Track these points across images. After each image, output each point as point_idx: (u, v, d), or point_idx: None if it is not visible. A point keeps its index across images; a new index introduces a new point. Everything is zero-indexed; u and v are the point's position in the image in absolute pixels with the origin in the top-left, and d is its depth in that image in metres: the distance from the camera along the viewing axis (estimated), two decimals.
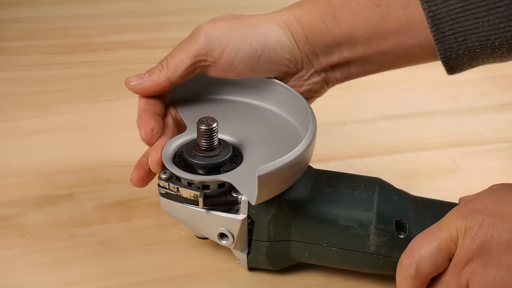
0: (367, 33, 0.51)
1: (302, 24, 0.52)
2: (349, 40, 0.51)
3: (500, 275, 0.41)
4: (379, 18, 0.50)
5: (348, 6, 0.51)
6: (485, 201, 0.44)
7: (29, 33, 0.93)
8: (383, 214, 0.48)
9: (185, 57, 0.51)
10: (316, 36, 0.52)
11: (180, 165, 0.48)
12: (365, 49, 0.52)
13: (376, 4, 0.50)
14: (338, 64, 0.53)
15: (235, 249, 0.51)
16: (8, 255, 0.54)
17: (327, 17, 0.51)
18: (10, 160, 0.66)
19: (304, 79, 0.54)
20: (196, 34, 0.51)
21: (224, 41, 0.50)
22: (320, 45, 0.52)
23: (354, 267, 0.50)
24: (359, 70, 0.54)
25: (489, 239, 0.42)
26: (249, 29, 0.51)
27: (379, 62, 0.53)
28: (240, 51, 0.50)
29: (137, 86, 0.51)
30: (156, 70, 0.52)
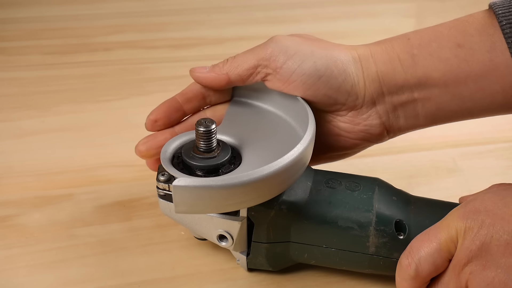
0: (445, 75, 0.48)
1: (376, 60, 0.50)
2: (423, 81, 0.49)
3: (499, 276, 0.41)
4: (460, 60, 0.48)
5: (428, 46, 0.49)
6: (485, 202, 0.44)
7: (29, 33, 0.93)
8: (383, 215, 0.48)
9: (250, 58, 0.51)
10: (388, 74, 0.50)
11: (179, 167, 0.48)
12: (440, 93, 0.49)
13: (459, 45, 0.48)
14: (404, 105, 0.51)
15: (234, 250, 0.51)
16: (8, 255, 0.54)
17: (404, 55, 0.50)
18: (10, 160, 0.66)
19: (363, 118, 0.52)
20: (269, 40, 0.51)
21: (290, 52, 0.50)
22: (390, 84, 0.50)
23: (353, 268, 0.50)
24: (429, 116, 0.51)
25: (488, 240, 0.42)
26: (319, 49, 0.50)
27: (454, 108, 0.50)
28: (302, 65, 0.49)
29: (198, 74, 0.52)
30: (220, 63, 0.52)
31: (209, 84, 0.52)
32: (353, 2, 1.08)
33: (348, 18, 1.02)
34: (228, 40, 0.94)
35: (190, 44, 0.92)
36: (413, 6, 1.07)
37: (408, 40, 0.50)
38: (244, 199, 0.45)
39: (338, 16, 1.03)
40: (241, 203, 0.45)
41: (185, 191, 0.43)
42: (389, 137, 0.53)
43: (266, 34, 0.96)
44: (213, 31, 0.96)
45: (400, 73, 0.49)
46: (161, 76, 0.83)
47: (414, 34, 0.51)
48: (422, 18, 1.02)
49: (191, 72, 0.52)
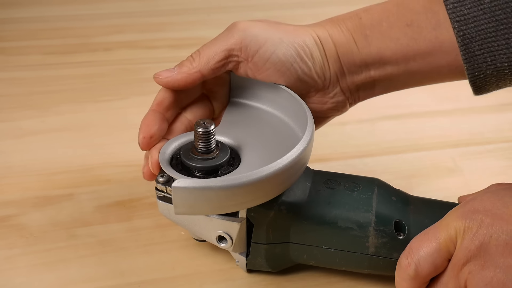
0: (396, 53, 0.51)
1: (334, 41, 0.52)
2: (377, 60, 0.51)
3: (497, 276, 0.41)
4: (409, 39, 0.50)
5: (379, 26, 0.51)
6: (485, 202, 0.44)
7: (29, 33, 0.93)
8: (382, 215, 0.48)
9: (218, 50, 0.50)
10: (346, 55, 0.52)
11: (178, 168, 0.48)
12: (393, 69, 0.52)
13: (407, 24, 0.50)
14: (363, 84, 0.53)
15: (233, 251, 0.51)
16: (8, 255, 0.54)
17: (358, 36, 0.51)
18: (10, 160, 0.66)
19: (329, 97, 0.53)
20: (234, 29, 0.50)
21: (261, 40, 0.50)
22: (349, 64, 0.52)
23: (353, 268, 0.50)
24: (383, 89, 0.54)
25: (487, 240, 0.42)
26: (286, 35, 0.51)
27: (404, 81, 0.53)
28: (275, 53, 0.50)
29: (166, 79, 0.50)
30: (186, 62, 0.51)
31: (182, 86, 0.50)
32: (353, 2, 1.08)
33: None
34: None
35: (190, 44, 0.91)
36: None
37: (360, 19, 0.52)
38: (244, 200, 0.45)
39: None
40: (241, 204, 0.45)
41: (185, 193, 0.43)
42: (350, 107, 0.55)
43: None
44: (213, 31, 0.95)
45: (357, 53, 0.51)
46: None
47: (365, 13, 0.52)
48: None
49: (157, 79, 0.51)
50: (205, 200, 0.43)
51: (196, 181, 0.43)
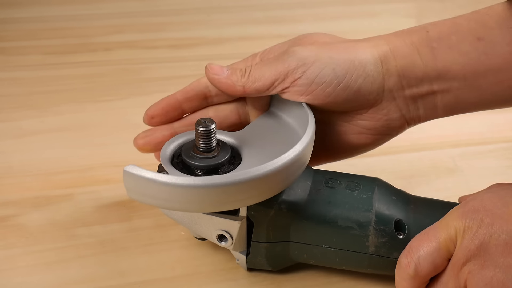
0: (464, 68, 0.48)
1: (395, 55, 0.50)
2: (443, 74, 0.49)
3: (497, 276, 0.41)
4: (480, 54, 0.48)
5: (447, 39, 0.49)
6: (485, 202, 0.44)
7: (29, 33, 0.93)
8: (382, 214, 0.48)
9: (267, 73, 0.49)
10: (408, 68, 0.49)
11: (179, 167, 0.48)
12: (460, 85, 0.49)
13: (479, 38, 0.48)
14: (423, 97, 0.50)
15: (234, 250, 0.51)
16: (8, 255, 0.54)
17: (424, 49, 0.49)
18: (10, 160, 0.66)
19: (383, 113, 0.51)
20: (286, 55, 0.50)
21: (309, 62, 0.49)
22: (409, 78, 0.50)
23: (353, 267, 0.50)
24: (447, 107, 0.51)
25: (487, 239, 0.42)
26: (337, 53, 0.49)
27: (472, 100, 0.50)
28: (321, 74, 0.48)
29: (213, 76, 0.50)
30: (238, 72, 0.50)
31: (223, 90, 0.51)
32: (353, 2, 1.08)
33: (348, 18, 1.02)
34: (228, 40, 0.94)
35: (190, 44, 0.92)
36: (413, 6, 1.07)
37: (427, 32, 0.50)
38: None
39: (338, 16, 1.03)
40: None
41: (133, 179, 0.43)
42: (408, 127, 0.53)
43: (266, 34, 0.97)
44: (213, 31, 0.96)
45: (420, 66, 0.49)
46: (161, 76, 0.83)
47: (432, 27, 0.50)
48: (422, 18, 1.02)
49: (207, 70, 0.51)
50: (154, 193, 0.43)
51: (148, 172, 0.43)
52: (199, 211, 0.48)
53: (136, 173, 0.43)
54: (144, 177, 0.42)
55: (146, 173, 0.43)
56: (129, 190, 0.44)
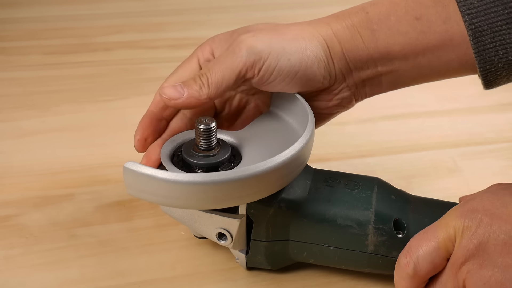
0: (404, 48, 0.50)
1: (339, 39, 0.51)
2: (385, 55, 0.50)
3: (495, 275, 0.41)
4: (418, 33, 0.49)
5: (387, 20, 0.50)
6: (484, 202, 0.44)
7: (29, 33, 0.93)
8: (382, 213, 0.48)
9: (227, 75, 0.48)
10: (352, 51, 0.50)
11: (179, 165, 0.48)
12: (401, 64, 0.51)
13: (416, 17, 0.49)
14: (370, 79, 0.52)
15: (233, 248, 0.51)
16: (8, 255, 0.54)
17: (365, 31, 0.50)
18: (10, 160, 0.66)
19: (334, 93, 0.52)
20: (237, 48, 0.49)
21: (264, 55, 0.49)
22: (355, 60, 0.51)
23: (352, 266, 0.50)
24: (390, 84, 0.53)
25: (486, 239, 0.42)
26: (288, 43, 0.50)
27: (413, 76, 0.52)
28: (279, 65, 0.49)
29: (175, 101, 0.48)
30: (195, 85, 0.49)
31: (190, 108, 0.50)
32: (353, 2, 1.08)
33: None
34: None
35: (190, 44, 0.91)
36: None
37: (367, 14, 0.51)
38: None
39: None
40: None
41: (133, 175, 0.43)
42: (356, 102, 0.54)
43: None
44: (213, 31, 0.95)
45: (363, 49, 0.50)
46: (161, 76, 0.82)
47: (372, 7, 0.51)
48: None
49: (165, 99, 0.49)
50: (153, 190, 0.43)
51: (148, 169, 0.43)
52: (198, 208, 0.48)
53: (136, 170, 0.43)
54: (143, 174, 0.43)
55: (146, 169, 0.43)
56: (129, 186, 0.44)
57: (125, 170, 0.43)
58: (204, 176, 0.42)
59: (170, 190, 0.43)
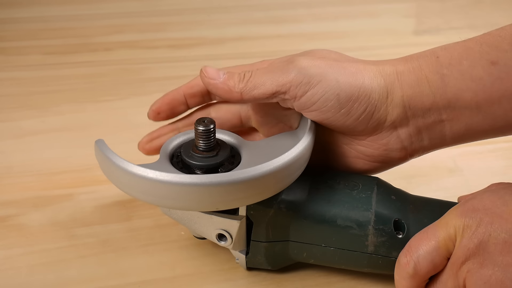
0: (477, 95, 0.45)
1: (402, 83, 0.47)
2: (453, 103, 0.46)
3: (496, 274, 0.41)
4: (494, 79, 0.44)
5: (458, 64, 0.45)
6: (484, 201, 0.44)
7: (29, 33, 0.93)
8: (382, 214, 0.48)
9: (268, 82, 0.47)
10: (415, 99, 0.47)
11: (178, 166, 0.48)
12: (472, 114, 0.46)
13: (492, 62, 0.44)
14: (430, 129, 0.48)
15: (233, 249, 0.51)
16: (8, 255, 0.54)
17: (433, 76, 0.46)
18: (10, 160, 0.66)
19: (382, 143, 0.49)
20: (291, 65, 0.47)
21: (314, 81, 0.46)
22: (415, 109, 0.47)
23: (352, 267, 0.50)
24: (456, 136, 0.48)
25: (486, 238, 0.42)
26: (344, 76, 0.47)
27: (484, 128, 0.47)
28: (325, 96, 0.46)
29: (209, 80, 0.48)
30: (236, 77, 0.48)
31: (219, 95, 0.49)
32: (353, 2, 1.08)
33: (348, 18, 1.02)
34: (228, 40, 0.94)
35: (190, 44, 0.92)
36: (413, 6, 1.07)
37: (437, 58, 0.47)
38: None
39: (338, 16, 1.03)
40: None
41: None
42: (411, 158, 0.51)
43: (266, 34, 0.97)
44: (213, 31, 0.96)
45: (428, 96, 0.46)
46: (161, 76, 0.83)
47: (443, 52, 0.47)
48: (422, 18, 1.02)
49: (202, 74, 0.49)
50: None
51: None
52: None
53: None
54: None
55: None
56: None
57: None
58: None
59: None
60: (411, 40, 0.95)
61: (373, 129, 0.49)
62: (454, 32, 0.98)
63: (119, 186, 0.46)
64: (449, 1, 1.09)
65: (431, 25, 1.00)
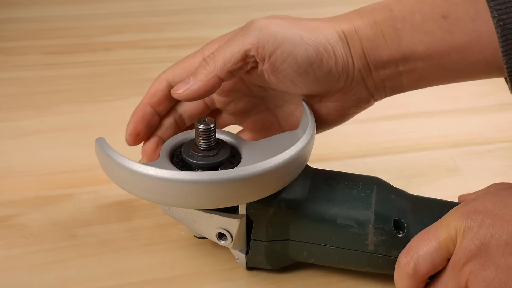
0: (429, 48, 0.47)
1: (361, 36, 0.48)
2: (408, 55, 0.48)
3: (499, 276, 0.41)
4: (444, 32, 0.46)
5: (411, 18, 0.47)
6: (486, 202, 0.44)
7: (29, 33, 0.93)
8: (381, 213, 0.48)
9: (234, 51, 0.46)
10: (373, 50, 0.48)
11: (179, 165, 0.48)
12: (424, 65, 0.48)
13: (443, 16, 0.46)
14: (390, 79, 0.49)
15: (233, 249, 0.51)
16: (8, 255, 0.54)
17: (388, 30, 0.47)
18: (10, 160, 0.66)
19: (352, 94, 0.50)
20: (250, 28, 0.47)
21: (279, 39, 0.46)
22: (375, 60, 0.48)
23: (352, 266, 0.50)
24: (412, 84, 0.50)
25: (488, 240, 0.42)
26: (307, 32, 0.47)
27: (435, 77, 0.49)
28: (293, 53, 0.46)
29: (185, 93, 0.47)
30: (201, 69, 0.47)
31: (203, 95, 0.47)
32: (353, 2, 1.08)
33: None
34: None
35: (190, 44, 0.91)
36: None
37: (391, 11, 0.48)
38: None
39: None
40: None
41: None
42: (375, 101, 0.52)
43: None
44: (213, 31, 0.96)
45: (385, 49, 0.48)
46: None
47: (396, 4, 0.48)
48: None
49: (174, 94, 0.48)
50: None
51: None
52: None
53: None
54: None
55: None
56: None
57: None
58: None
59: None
60: None
61: (344, 83, 0.49)
62: None
63: (119, 184, 0.46)
64: None
65: None
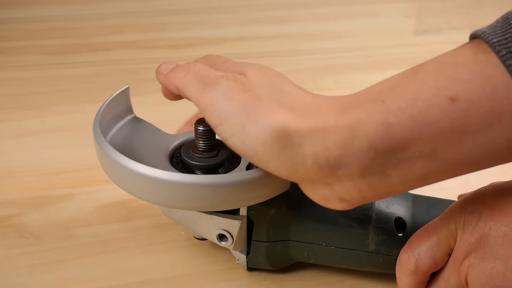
0: (434, 139, 0.36)
1: (327, 142, 0.37)
2: (400, 151, 0.37)
3: (497, 267, 0.41)
4: (454, 119, 0.36)
5: (411, 106, 0.36)
6: (484, 195, 0.44)
7: (29, 33, 0.93)
8: (382, 212, 0.48)
9: (188, 89, 0.44)
10: (344, 158, 0.37)
11: (178, 166, 0.48)
12: (427, 162, 0.38)
13: (451, 98, 0.36)
14: (369, 182, 0.39)
15: (234, 250, 0.51)
16: (8, 255, 0.54)
17: (375, 129, 0.37)
18: (10, 160, 0.66)
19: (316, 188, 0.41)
20: (214, 87, 0.41)
21: (223, 118, 0.40)
22: (346, 167, 0.38)
23: (353, 265, 0.50)
24: (406, 184, 0.40)
25: (487, 231, 0.42)
26: (250, 125, 0.39)
27: (446, 175, 0.40)
28: (232, 140, 0.40)
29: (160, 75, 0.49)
30: (175, 67, 0.49)
31: (163, 91, 0.49)
32: (353, 2, 1.08)
33: (348, 18, 1.02)
34: (228, 40, 0.94)
35: (190, 44, 0.92)
36: (413, 6, 1.07)
37: (383, 103, 0.37)
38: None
39: (338, 16, 1.03)
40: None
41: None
42: None
43: (266, 34, 0.97)
44: (213, 31, 0.96)
45: (367, 152, 0.37)
46: None
47: (391, 94, 0.37)
48: (422, 18, 1.02)
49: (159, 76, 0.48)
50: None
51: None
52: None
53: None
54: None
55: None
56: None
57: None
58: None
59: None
60: (411, 40, 0.95)
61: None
62: (454, 32, 0.98)
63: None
64: (449, 1, 1.09)
65: (431, 25, 1.00)
